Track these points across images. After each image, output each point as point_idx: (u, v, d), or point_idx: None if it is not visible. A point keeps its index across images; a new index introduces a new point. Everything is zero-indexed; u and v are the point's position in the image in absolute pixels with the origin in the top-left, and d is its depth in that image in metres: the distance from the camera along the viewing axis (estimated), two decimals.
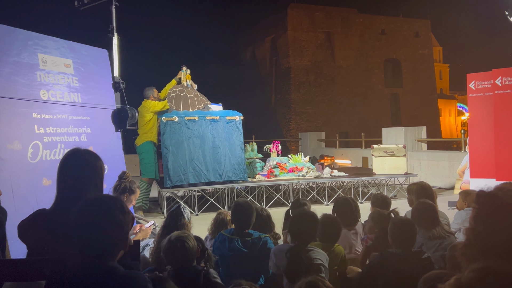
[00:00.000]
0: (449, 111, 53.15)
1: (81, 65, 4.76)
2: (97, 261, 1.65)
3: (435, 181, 10.03)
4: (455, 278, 1.11)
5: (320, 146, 16.78)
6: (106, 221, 1.69)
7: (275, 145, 8.87)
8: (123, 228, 1.74)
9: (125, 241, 1.74)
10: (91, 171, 2.19)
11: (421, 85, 32.97)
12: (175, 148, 7.30)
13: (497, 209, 1.15)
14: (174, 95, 7.75)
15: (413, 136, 11.55)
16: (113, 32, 5.02)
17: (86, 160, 2.21)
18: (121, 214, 1.73)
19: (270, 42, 31.57)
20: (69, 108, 4.51)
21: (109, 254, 1.68)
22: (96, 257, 1.65)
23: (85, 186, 2.14)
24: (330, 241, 3.11)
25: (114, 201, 1.79)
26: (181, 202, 3.86)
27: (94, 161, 2.23)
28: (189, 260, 2.64)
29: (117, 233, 1.71)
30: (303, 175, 8.28)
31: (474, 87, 7.11)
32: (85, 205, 1.76)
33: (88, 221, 1.69)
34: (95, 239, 1.67)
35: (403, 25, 32.66)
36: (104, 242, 1.67)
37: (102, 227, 1.67)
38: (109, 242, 1.69)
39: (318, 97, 29.42)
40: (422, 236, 3.26)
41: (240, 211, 3.30)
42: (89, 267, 1.64)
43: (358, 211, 3.89)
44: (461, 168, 8.24)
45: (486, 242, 1.13)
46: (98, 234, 1.67)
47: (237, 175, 7.60)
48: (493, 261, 1.08)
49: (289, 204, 7.43)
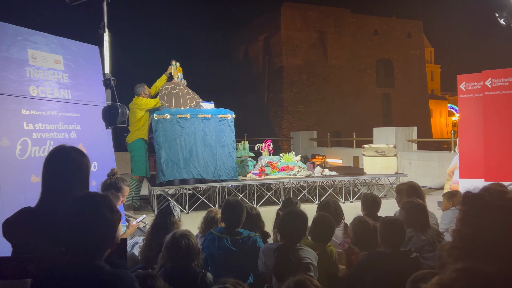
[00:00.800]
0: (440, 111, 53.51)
1: (72, 62, 4.71)
2: (84, 259, 1.63)
3: (425, 181, 10.10)
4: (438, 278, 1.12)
5: (311, 145, 16.81)
6: (94, 219, 1.67)
7: (267, 143, 8.87)
8: (111, 226, 1.72)
9: (113, 240, 1.73)
10: (77, 168, 2.17)
11: (412, 85, 33.18)
12: (167, 145, 7.27)
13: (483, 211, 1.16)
14: (166, 93, 7.72)
15: (404, 136, 11.62)
16: (104, 29, 4.99)
17: (71, 157, 2.18)
18: (109, 213, 1.72)
19: (263, 41, 31.56)
20: (58, 105, 4.46)
21: (96, 253, 1.67)
22: (83, 256, 1.64)
23: (70, 184, 2.11)
24: (323, 241, 3.11)
25: (103, 199, 1.78)
26: (171, 200, 3.84)
27: (79, 158, 2.20)
28: (191, 259, 2.63)
29: (105, 231, 1.69)
30: (294, 174, 8.29)
31: (465, 88, 7.16)
32: (74, 203, 1.75)
33: (76, 219, 1.67)
34: (82, 238, 1.65)
35: (396, 25, 32.83)
36: (91, 241, 1.66)
37: (89, 225, 1.66)
38: (96, 240, 1.67)
39: (311, 96, 29.47)
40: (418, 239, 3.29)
41: (231, 209, 3.29)
42: (76, 265, 1.62)
43: (338, 212, 3.92)
44: (450, 169, 8.29)
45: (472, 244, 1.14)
46: (86, 233, 1.65)
47: (228, 174, 7.59)
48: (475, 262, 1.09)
49: (280, 203, 7.44)
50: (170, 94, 7.73)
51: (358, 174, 8.71)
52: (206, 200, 7.56)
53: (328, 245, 3.12)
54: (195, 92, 8.05)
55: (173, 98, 7.71)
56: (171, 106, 7.62)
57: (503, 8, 6.72)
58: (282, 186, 8.19)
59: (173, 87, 7.82)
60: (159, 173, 7.25)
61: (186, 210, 7.27)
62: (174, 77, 8.03)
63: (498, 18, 6.81)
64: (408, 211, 3.40)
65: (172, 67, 8.04)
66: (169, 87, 7.80)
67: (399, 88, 32.93)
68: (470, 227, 1.16)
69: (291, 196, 7.18)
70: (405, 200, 3.66)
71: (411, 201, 3.54)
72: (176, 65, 8.05)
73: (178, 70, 8.04)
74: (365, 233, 3.18)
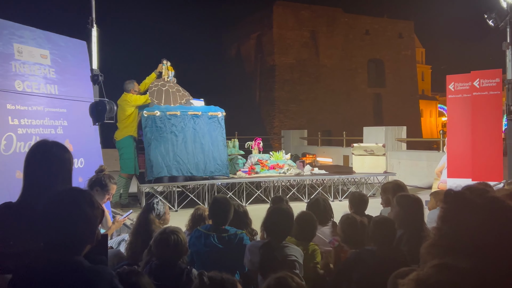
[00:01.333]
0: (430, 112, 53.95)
1: (59, 57, 4.66)
2: (63, 255, 1.61)
3: (414, 180, 10.17)
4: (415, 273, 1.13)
5: (302, 144, 16.85)
6: (73, 215, 1.65)
7: (257, 141, 8.87)
8: (91, 222, 1.70)
9: (93, 236, 1.71)
10: (59, 164, 2.14)
11: (403, 85, 33.37)
12: (157, 142, 7.24)
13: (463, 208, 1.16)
14: (156, 89, 7.68)
15: (393, 136, 11.69)
16: (93, 24, 4.94)
17: (53, 153, 2.15)
18: (89, 208, 1.70)
19: (255, 39, 31.52)
20: (45, 100, 4.41)
21: (75, 249, 1.65)
22: (62, 251, 1.62)
23: (52, 179, 2.08)
24: (305, 239, 3.11)
25: (83, 194, 1.75)
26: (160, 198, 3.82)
27: (62, 153, 2.17)
28: (179, 256, 2.62)
29: (84, 227, 1.67)
30: (284, 172, 8.30)
31: (453, 89, 7.22)
32: (53, 198, 1.72)
33: (55, 214, 1.65)
34: (61, 233, 1.63)
35: (387, 25, 32.97)
36: (70, 236, 1.64)
37: (68, 221, 1.64)
38: (76, 236, 1.65)
39: (302, 95, 29.50)
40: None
41: (218, 206, 3.29)
42: (54, 261, 1.60)
43: (328, 210, 3.90)
44: (439, 168, 8.35)
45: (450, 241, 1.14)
46: (64, 228, 1.63)
47: (220, 170, 7.56)
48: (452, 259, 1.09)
49: (269, 201, 7.44)
50: (160, 91, 7.69)
51: (347, 173, 8.74)
52: (195, 198, 7.53)
53: (311, 244, 3.11)
54: (185, 90, 8.02)
55: (163, 95, 7.68)
56: (161, 103, 7.59)
57: (492, 9, 6.78)
58: (271, 185, 8.19)
59: (163, 84, 7.79)
60: (148, 170, 7.21)
61: (175, 207, 7.24)
62: (164, 76, 7.99)
63: (486, 19, 6.87)
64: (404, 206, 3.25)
65: (163, 66, 7.99)
66: (159, 84, 7.77)
67: (390, 88, 33.11)
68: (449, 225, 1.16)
69: (279, 194, 7.18)
70: (400, 194, 3.52)
71: (407, 195, 3.42)
72: (167, 64, 8.01)
73: (168, 69, 8.00)
74: (354, 231, 3.17)
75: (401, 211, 3.23)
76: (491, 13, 6.78)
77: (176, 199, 7.42)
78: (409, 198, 3.29)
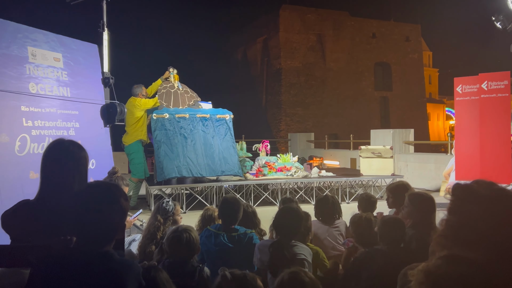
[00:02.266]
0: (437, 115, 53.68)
1: (71, 60, 4.75)
2: (95, 246, 1.65)
3: (421, 183, 10.14)
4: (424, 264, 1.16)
5: (309, 147, 16.85)
6: (111, 206, 1.70)
7: (264, 144, 8.91)
8: (124, 214, 1.77)
9: (123, 228, 1.77)
10: (75, 162, 2.19)
11: (410, 89, 33.27)
12: (167, 143, 7.32)
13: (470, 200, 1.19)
14: (165, 92, 7.76)
15: (401, 138, 11.67)
16: (104, 28, 5.03)
17: (70, 151, 2.20)
18: (123, 200, 1.76)
19: (261, 43, 31.62)
20: (57, 102, 4.50)
21: (107, 240, 1.70)
22: (95, 242, 1.66)
23: (69, 177, 2.13)
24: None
25: (118, 187, 1.82)
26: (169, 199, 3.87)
27: (78, 151, 2.22)
28: (191, 254, 2.66)
29: (119, 219, 1.73)
30: (292, 174, 8.32)
31: (461, 91, 7.22)
32: (90, 190, 1.78)
33: (93, 205, 1.69)
34: (98, 224, 1.67)
35: (394, 29, 32.93)
36: (106, 227, 1.68)
37: (106, 212, 1.69)
38: (111, 228, 1.70)
39: (309, 99, 29.52)
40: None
41: (228, 206, 3.33)
42: (85, 252, 1.64)
43: (336, 207, 3.92)
44: (447, 171, 8.34)
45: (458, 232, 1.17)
46: (102, 219, 1.67)
47: (232, 170, 7.59)
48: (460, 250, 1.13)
49: (277, 203, 7.47)
50: (169, 93, 7.77)
51: (355, 176, 8.74)
52: (203, 200, 7.58)
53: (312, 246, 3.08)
54: (193, 90, 8.08)
55: (172, 97, 7.76)
56: (169, 105, 7.66)
57: (500, 11, 6.79)
58: (279, 187, 8.22)
59: (172, 86, 7.86)
60: (158, 172, 7.27)
61: (183, 209, 7.29)
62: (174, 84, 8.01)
63: (494, 21, 6.88)
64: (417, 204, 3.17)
65: (171, 75, 8.01)
66: (168, 86, 7.84)
67: (397, 91, 33.02)
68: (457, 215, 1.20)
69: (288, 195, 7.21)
70: (412, 192, 3.45)
71: (420, 193, 3.33)
72: (173, 72, 8.02)
73: (175, 78, 8.02)
74: (366, 230, 3.15)
75: (414, 209, 3.17)
76: (499, 15, 6.79)
77: (185, 201, 7.47)
78: (422, 197, 3.23)
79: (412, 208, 3.21)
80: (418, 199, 3.23)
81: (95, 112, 4.99)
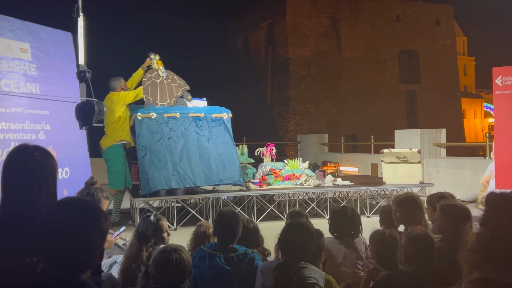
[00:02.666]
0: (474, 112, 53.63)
1: (40, 50, 4.77)
2: (68, 273, 1.62)
3: (456, 192, 9.98)
4: None
5: (322, 150, 16.86)
6: (90, 228, 1.67)
7: (269, 148, 8.91)
8: (105, 235, 1.75)
9: (102, 252, 1.75)
10: (41, 171, 2.17)
11: (442, 81, 33.23)
12: (153, 150, 7.27)
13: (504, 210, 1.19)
14: (150, 83, 7.72)
15: (431, 140, 11.65)
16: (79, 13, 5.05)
17: (35, 158, 2.19)
18: (103, 219, 1.73)
19: (266, 29, 31.68)
20: (25, 101, 4.51)
21: (83, 266, 1.67)
22: (68, 269, 1.62)
23: (34, 189, 2.12)
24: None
25: (95, 205, 1.79)
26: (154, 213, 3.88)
27: (44, 159, 2.21)
28: (182, 278, 2.66)
29: (99, 240, 1.70)
30: (301, 183, 8.32)
31: (501, 83, 7.19)
32: (64, 208, 1.72)
33: (68, 225, 1.64)
34: (73, 249, 1.63)
35: (422, 10, 32.92)
36: (83, 253, 1.65)
37: (84, 235, 1.65)
38: (88, 253, 1.67)
39: (322, 94, 29.53)
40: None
41: (224, 222, 3.33)
42: (55, 280, 1.60)
43: (355, 221, 3.90)
44: (485, 178, 8.32)
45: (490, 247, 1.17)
46: (79, 241, 1.63)
47: (231, 178, 7.56)
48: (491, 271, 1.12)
49: (284, 217, 7.46)
50: (154, 84, 7.73)
51: (376, 184, 8.74)
52: (197, 214, 7.59)
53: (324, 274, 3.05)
54: (181, 78, 8.04)
55: (158, 89, 7.73)
56: (156, 99, 7.64)
57: None
58: (286, 198, 8.22)
59: (157, 75, 7.82)
60: (142, 184, 7.25)
61: (174, 226, 7.30)
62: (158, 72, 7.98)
63: None
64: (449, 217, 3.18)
65: (153, 61, 7.97)
66: (152, 76, 7.80)
67: (426, 84, 32.99)
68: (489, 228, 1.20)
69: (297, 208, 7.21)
70: (445, 203, 3.41)
71: (454, 204, 3.32)
72: (155, 58, 7.98)
73: (158, 64, 7.98)
74: (390, 249, 3.10)
75: (446, 222, 3.19)
76: None
77: (175, 216, 7.47)
78: (456, 209, 3.24)
79: (444, 221, 3.22)
80: (451, 211, 3.23)
81: (69, 112, 5.00)
